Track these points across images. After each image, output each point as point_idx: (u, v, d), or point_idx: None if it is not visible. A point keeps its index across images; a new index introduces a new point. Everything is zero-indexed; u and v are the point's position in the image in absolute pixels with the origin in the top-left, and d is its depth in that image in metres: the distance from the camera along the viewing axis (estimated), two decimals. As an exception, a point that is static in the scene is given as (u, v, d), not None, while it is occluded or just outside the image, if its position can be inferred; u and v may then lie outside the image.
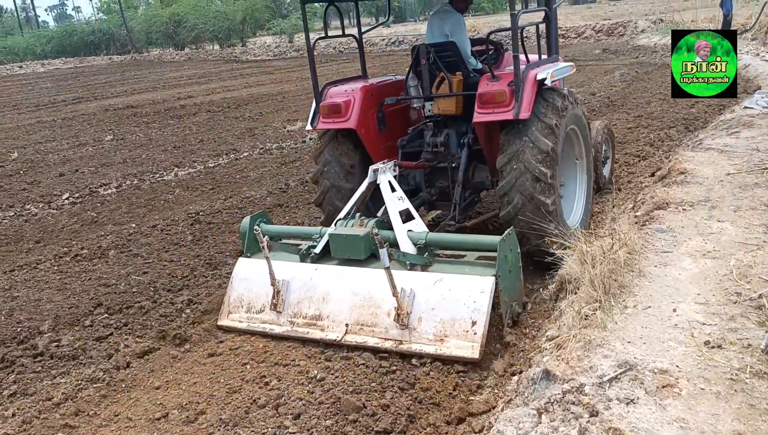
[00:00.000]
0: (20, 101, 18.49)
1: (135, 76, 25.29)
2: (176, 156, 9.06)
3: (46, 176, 8.37)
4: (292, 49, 32.56)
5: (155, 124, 12.21)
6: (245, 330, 3.67)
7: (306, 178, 7.14)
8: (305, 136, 9.71)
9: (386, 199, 3.97)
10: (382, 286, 3.31)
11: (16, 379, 3.39)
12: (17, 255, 5.41)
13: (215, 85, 18.93)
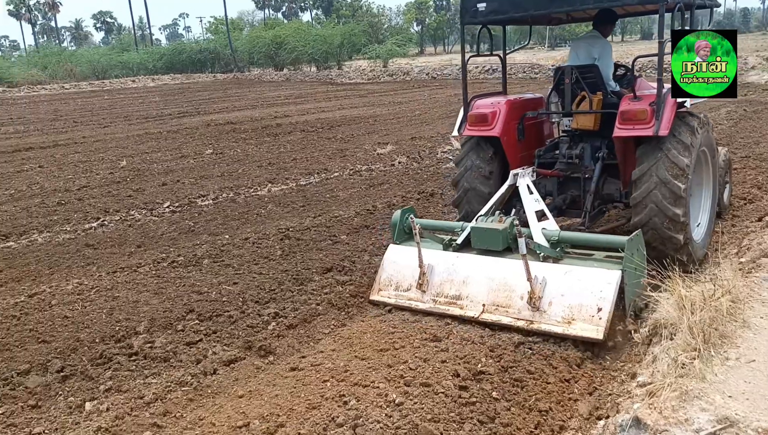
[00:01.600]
0: (131, 113, 19.73)
1: (236, 93, 26.46)
2: (270, 172, 9.37)
3: (150, 185, 8.86)
4: (385, 74, 33.13)
5: (252, 140, 12.71)
6: (393, 305, 4.26)
7: (393, 202, 7.21)
8: (394, 159, 9.82)
9: (524, 199, 4.47)
10: (517, 274, 3.86)
11: (112, 375, 3.57)
12: (120, 257, 5.74)
13: (310, 105, 19.51)
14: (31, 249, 6.09)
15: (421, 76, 30.53)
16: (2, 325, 4.29)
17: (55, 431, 3.06)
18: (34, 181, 9.38)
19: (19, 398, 3.37)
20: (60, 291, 4.88)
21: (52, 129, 16.25)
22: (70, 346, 3.92)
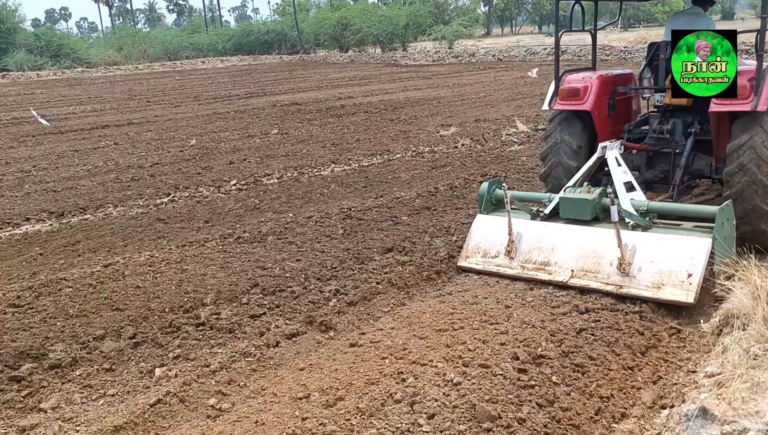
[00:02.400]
0: (200, 93, 20.26)
1: (301, 75, 26.77)
2: (334, 153, 9.47)
3: (217, 163, 9.11)
4: (450, 55, 32.77)
5: (317, 121, 12.85)
6: (481, 270, 4.50)
7: (455, 184, 7.17)
8: (457, 141, 9.75)
9: (613, 171, 4.55)
10: (606, 241, 4.03)
11: (180, 343, 3.72)
12: (189, 232, 5.94)
13: (374, 87, 19.54)
14: (107, 222, 6.38)
15: (487, 58, 30.06)
16: (80, 292, 4.52)
17: (128, 394, 3.22)
18: (110, 158, 9.79)
19: (95, 361, 3.55)
20: (133, 262, 5.10)
21: (126, 108, 16.89)
22: (141, 314, 4.11)
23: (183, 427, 2.90)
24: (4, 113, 16.39)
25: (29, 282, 4.77)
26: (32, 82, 30.42)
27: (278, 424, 2.83)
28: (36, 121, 14.11)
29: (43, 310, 4.25)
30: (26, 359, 3.59)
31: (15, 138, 12.13)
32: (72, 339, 3.79)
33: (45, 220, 6.56)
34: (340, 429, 2.75)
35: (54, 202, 7.22)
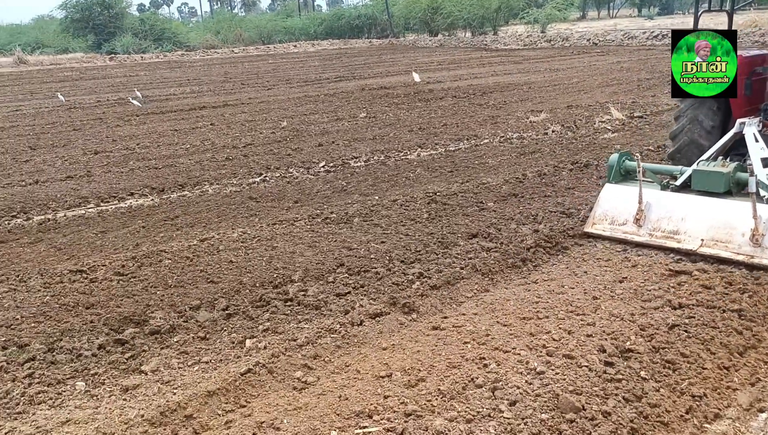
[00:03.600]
0: (292, 77, 20.74)
1: (390, 59, 26.84)
2: (420, 137, 9.48)
3: (307, 145, 9.33)
4: (543, 40, 31.88)
5: (404, 105, 12.88)
6: (608, 237, 4.71)
7: (544, 171, 7.02)
8: (547, 128, 9.52)
9: (750, 147, 4.60)
10: (739, 213, 4.14)
11: (270, 317, 3.87)
12: (279, 211, 6.13)
13: (463, 71, 19.33)
14: (203, 198, 6.69)
15: (581, 42, 29.02)
16: (178, 264, 4.78)
17: (220, 362, 3.39)
18: (207, 138, 10.22)
19: (191, 330, 3.76)
20: (226, 238, 5.34)
21: (222, 90, 17.54)
22: (234, 287, 4.30)
23: (270, 397, 3.03)
24: (111, 93, 17.41)
25: (133, 252, 5.08)
26: (137, 64, 32.10)
27: (361, 400, 2.90)
28: (132, 100, 14.87)
29: (145, 279, 4.54)
30: (129, 324, 3.84)
31: (121, 117, 12.88)
32: (170, 308, 4.03)
33: (147, 195, 6.95)
34: (421, 409, 2.79)
35: (155, 178, 7.63)
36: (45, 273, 4.70)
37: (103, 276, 4.60)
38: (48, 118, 12.98)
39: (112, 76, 24.17)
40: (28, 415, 2.99)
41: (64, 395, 3.15)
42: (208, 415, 2.91)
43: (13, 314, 4.02)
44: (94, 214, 6.29)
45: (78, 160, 8.85)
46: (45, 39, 45.50)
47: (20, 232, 5.79)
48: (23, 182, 7.64)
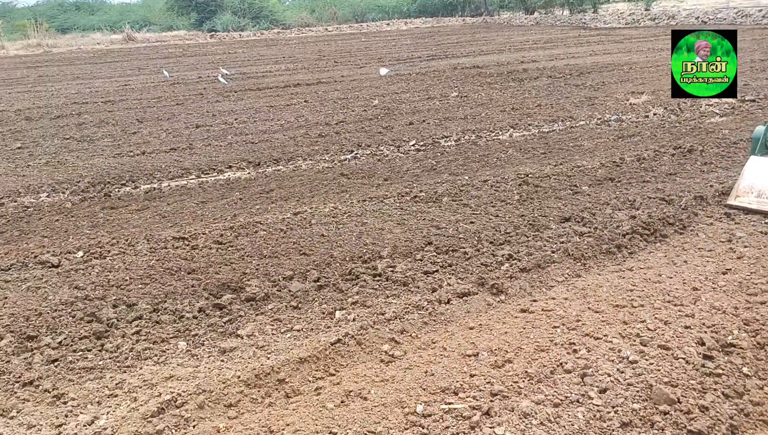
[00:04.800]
0: (384, 55, 20.79)
1: (484, 38, 26.36)
2: (513, 117, 9.30)
3: (398, 123, 9.36)
4: (646, 18, 30.30)
5: (497, 85, 12.65)
6: (754, 209, 4.77)
7: (643, 156, 6.73)
8: (648, 110, 9.09)
9: None
10: None
11: (359, 290, 3.96)
12: (369, 188, 6.22)
13: (559, 51, 18.72)
14: (297, 173, 6.88)
15: (689, 21, 27.36)
16: (272, 236, 4.96)
17: (311, 331, 3.50)
18: (300, 114, 10.46)
19: (284, 299, 3.90)
20: (318, 212, 5.47)
21: (316, 68, 17.84)
22: (325, 260, 4.42)
23: (359, 367, 3.11)
24: (212, 70, 18.09)
25: (230, 223, 5.32)
26: (235, 42, 33.15)
27: (447, 376, 2.93)
28: (220, 78, 15.37)
29: (242, 248, 4.74)
30: (227, 290, 4.04)
31: (220, 93, 13.38)
32: (265, 277, 4.20)
33: (244, 168, 7.22)
34: (507, 390, 2.79)
35: (252, 152, 7.91)
36: (151, 238, 5.00)
37: (203, 244, 4.84)
38: (153, 93, 13.68)
39: (213, 54, 25.09)
40: (136, 369, 3.22)
41: (168, 353, 3.36)
42: (299, 380, 3.03)
43: (123, 275, 4.32)
44: (195, 184, 6.61)
45: (181, 133, 9.29)
46: (152, 17, 47.80)
47: (129, 199, 6.18)
48: (131, 153, 8.11)
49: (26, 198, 6.29)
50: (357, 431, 2.61)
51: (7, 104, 12.29)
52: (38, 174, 7.15)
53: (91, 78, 16.68)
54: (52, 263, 4.57)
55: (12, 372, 3.20)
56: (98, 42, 30.39)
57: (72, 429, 2.72)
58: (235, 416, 2.80)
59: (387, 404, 2.77)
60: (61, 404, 2.94)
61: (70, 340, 3.49)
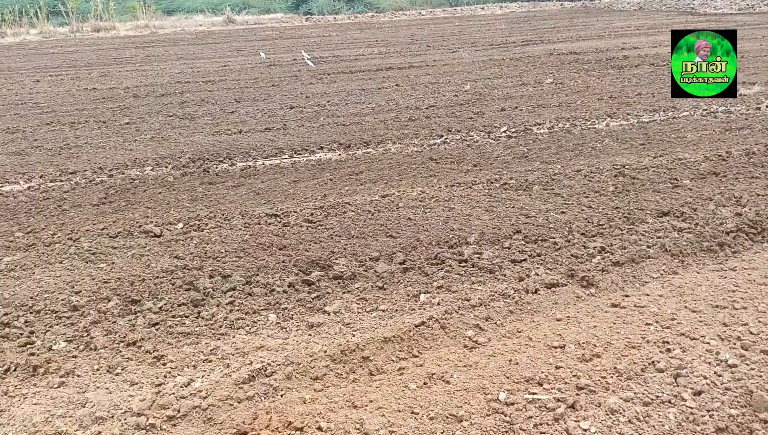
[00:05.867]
0: (477, 39, 20.48)
1: (582, 23, 25.44)
2: (611, 106, 8.95)
3: (489, 109, 9.22)
4: (763, 3, 28.25)
5: (594, 72, 12.20)
6: None
7: (753, 150, 6.32)
8: (761, 102, 8.51)
9: None
10: None
11: (444, 275, 3.96)
12: (457, 173, 6.18)
13: (664, 37, 17.79)
14: (386, 156, 6.93)
15: None
16: (360, 217, 5.03)
17: (396, 312, 3.55)
18: (391, 98, 10.50)
19: (370, 279, 3.97)
20: (406, 196, 5.50)
21: (408, 52, 17.82)
22: (411, 243, 4.45)
23: (442, 351, 3.13)
24: (306, 53, 18.44)
25: (320, 202, 5.44)
26: (329, 25, 33.61)
27: (531, 366, 2.89)
28: (308, 61, 15.61)
29: (330, 228, 4.84)
30: (315, 267, 4.14)
31: (314, 75, 13.63)
32: (352, 256, 4.27)
33: (335, 150, 7.35)
34: (594, 384, 2.72)
35: (343, 134, 8.03)
36: (245, 214, 5.20)
37: (294, 221, 4.98)
38: (251, 74, 14.11)
39: (307, 36, 25.56)
40: (229, 337, 3.37)
41: (259, 324, 3.50)
42: (383, 359, 3.08)
43: (219, 248, 4.51)
44: (288, 164, 6.79)
45: (275, 113, 9.55)
46: (251, 0, 49.22)
47: (226, 175, 6.43)
48: (229, 131, 8.43)
49: (133, 171, 6.68)
50: (438, 413, 2.64)
51: (117, 82, 13.04)
52: (144, 148, 7.57)
53: (193, 58, 17.40)
54: (154, 233, 4.84)
55: (118, 332, 3.44)
56: (200, 24, 31.63)
57: (170, 389, 2.89)
58: (320, 389, 2.88)
59: (469, 389, 2.77)
60: (160, 365, 3.13)
61: (169, 306, 3.70)
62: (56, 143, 7.89)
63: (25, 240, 4.80)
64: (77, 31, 25.93)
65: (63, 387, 2.97)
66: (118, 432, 2.60)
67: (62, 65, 15.93)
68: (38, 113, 9.85)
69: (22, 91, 11.94)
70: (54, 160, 7.11)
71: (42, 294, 3.87)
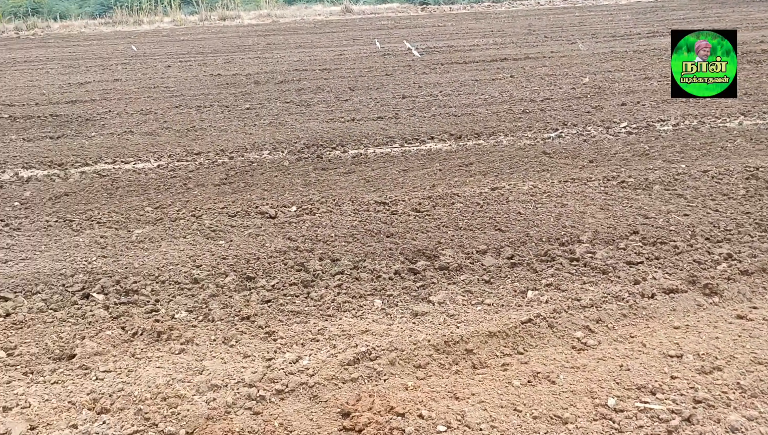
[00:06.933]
0: (599, 31, 19.65)
1: (716, 14, 23.75)
2: (744, 103, 8.31)
3: (608, 103, 8.83)
4: None
5: (728, 66, 11.35)
6: None
7: None
8: None
9: None
10: None
11: (553, 273, 3.85)
12: (572, 169, 5.98)
13: (811, 29, 16.27)
14: (497, 149, 6.82)
15: None
16: (468, 209, 4.99)
17: (501, 307, 3.50)
18: (505, 90, 10.31)
19: (476, 272, 3.93)
20: (516, 190, 5.39)
21: (524, 42, 17.41)
22: (520, 238, 4.36)
23: (548, 350, 3.05)
24: (420, 42, 18.49)
25: (429, 192, 5.44)
26: (444, 14, 33.44)
27: (644, 374, 2.76)
28: (414, 51, 15.53)
29: (438, 218, 4.84)
30: (421, 257, 4.16)
31: (427, 65, 13.63)
32: (459, 248, 4.25)
33: (445, 140, 7.32)
34: (714, 399, 2.56)
35: (454, 125, 7.98)
36: (355, 201, 5.30)
37: (402, 210, 5.02)
38: (365, 63, 14.33)
39: (422, 26, 25.58)
40: (336, 319, 3.46)
41: (364, 308, 3.57)
42: (487, 354, 3.05)
43: (329, 232, 4.64)
44: (398, 153, 6.85)
45: (388, 102, 9.65)
46: (368, -10, 49.90)
47: (338, 162, 6.58)
48: (342, 119, 8.61)
49: (252, 154, 6.99)
50: (542, 413, 2.58)
51: (240, 68, 13.66)
52: (262, 133, 7.89)
53: (311, 47, 17.92)
54: (269, 214, 5.04)
55: (233, 306, 3.62)
56: (319, 13, 32.47)
57: (280, 364, 3.01)
58: (422, 377, 2.90)
59: (576, 392, 2.69)
60: (271, 341, 3.27)
61: (281, 285, 3.85)
62: (184, 125, 8.40)
63: (153, 214, 5.16)
64: (205, 20, 27.41)
65: (183, 354, 3.18)
66: (231, 400, 2.74)
67: (191, 52, 16.90)
68: (168, 96, 10.52)
69: (155, 76, 12.79)
70: (181, 141, 7.58)
71: (167, 266, 4.15)
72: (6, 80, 12.95)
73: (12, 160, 7.00)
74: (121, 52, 17.10)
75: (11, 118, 9.17)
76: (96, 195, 5.74)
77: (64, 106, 9.88)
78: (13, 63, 15.91)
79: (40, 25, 25.63)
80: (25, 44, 21.11)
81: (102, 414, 2.71)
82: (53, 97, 10.68)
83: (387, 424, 2.55)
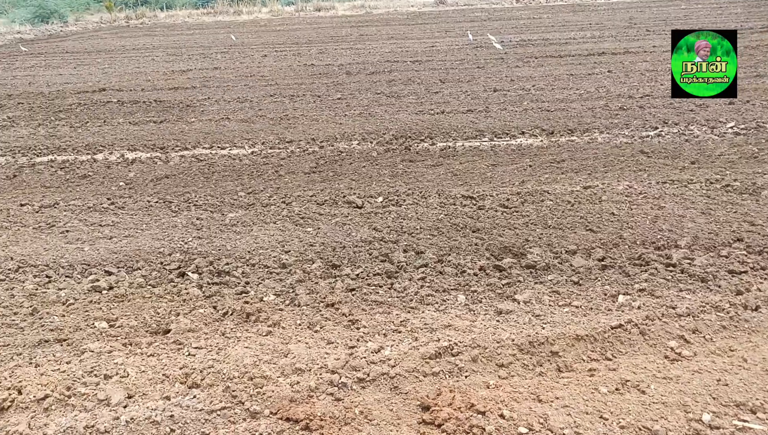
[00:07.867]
0: (706, 24, 18.54)
1: (841, 6, 21.89)
2: None
3: (713, 101, 8.30)
4: None
5: None
6: None
7: None
8: None
9: None
10: None
11: (647, 278, 3.69)
12: (671, 169, 5.69)
13: None
14: (591, 146, 6.59)
15: None
16: (559, 207, 4.86)
17: (590, 310, 3.38)
18: (601, 85, 9.94)
19: (565, 272, 3.82)
20: (610, 189, 5.20)
21: (624, 36, 16.72)
22: (612, 240, 4.20)
23: (638, 359, 2.93)
24: (514, 35, 18.13)
25: (518, 188, 5.34)
26: (541, 6, 32.59)
27: (744, 391, 2.60)
28: (495, 44, 15.14)
29: (526, 215, 4.73)
30: (508, 254, 4.09)
31: (520, 58, 13.35)
32: (547, 247, 4.15)
33: (537, 135, 7.15)
34: (823, 424, 2.37)
35: (546, 120, 7.78)
36: (442, 193, 5.27)
37: (489, 205, 4.95)
38: (457, 55, 14.20)
39: (517, 18, 25.06)
40: (418, 311, 3.46)
41: (447, 303, 3.55)
42: (573, 357, 2.96)
43: (414, 224, 4.64)
44: (487, 147, 6.75)
45: (478, 95, 9.53)
46: (462, -19, 49.35)
47: (425, 154, 6.57)
48: (431, 111, 8.58)
49: (341, 143, 7.09)
50: (630, 423, 2.48)
51: (333, 59, 13.88)
52: (352, 123, 7.99)
53: (403, 38, 17.94)
54: (356, 204, 5.10)
55: (319, 293, 3.69)
56: (412, 4, 32.45)
57: (362, 353, 3.05)
58: (505, 377, 2.85)
59: (667, 404, 2.56)
60: (354, 329, 3.31)
61: (365, 274, 3.89)
62: (277, 113, 8.63)
63: (246, 199, 5.34)
64: (301, 11, 28.03)
65: (269, 336, 3.27)
66: (313, 384, 2.80)
67: (286, 42, 17.34)
68: (263, 85, 10.84)
69: (252, 65, 13.21)
70: (274, 129, 7.79)
71: (257, 249, 4.29)
72: (116, 66, 13.77)
73: (119, 143, 7.43)
74: (221, 42, 17.78)
75: (119, 102, 9.74)
76: (194, 178, 6.00)
77: (167, 93, 10.39)
78: (123, 50, 16.90)
79: (148, 15, 27.07)
80: (134, 32, 22.36)
81: (193, 388, 2.84)
82: (157, 84, 11.25)
83: (467, 421, 2.52)
